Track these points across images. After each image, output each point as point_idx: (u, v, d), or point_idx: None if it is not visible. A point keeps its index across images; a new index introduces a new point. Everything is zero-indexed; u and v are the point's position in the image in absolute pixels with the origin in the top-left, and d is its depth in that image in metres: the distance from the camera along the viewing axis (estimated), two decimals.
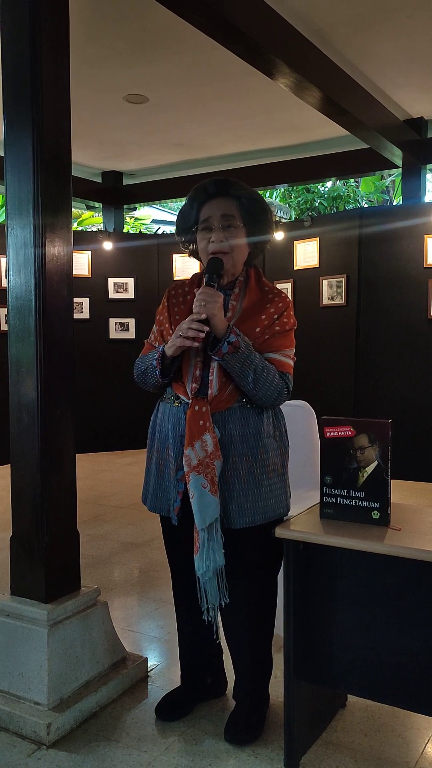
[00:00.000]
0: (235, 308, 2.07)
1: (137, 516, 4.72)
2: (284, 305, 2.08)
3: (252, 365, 1.95)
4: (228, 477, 2.00)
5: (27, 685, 2.24)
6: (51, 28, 2.28)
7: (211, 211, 2.05)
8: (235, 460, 2.01)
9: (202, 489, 1.94)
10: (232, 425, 2.01)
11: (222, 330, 1.94)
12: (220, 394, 1.99)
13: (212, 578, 2.01)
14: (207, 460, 1.95)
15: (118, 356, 6.89)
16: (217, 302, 1.94)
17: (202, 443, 1.95)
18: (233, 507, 2.00)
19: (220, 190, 2.06)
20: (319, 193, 12.93)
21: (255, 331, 2.02)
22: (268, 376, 1.98)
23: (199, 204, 2.08)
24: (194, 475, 1.95)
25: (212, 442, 1.95)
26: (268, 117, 5.86)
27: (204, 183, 2.09)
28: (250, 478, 2.02)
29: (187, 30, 3.65)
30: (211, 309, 1.93)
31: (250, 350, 1.96)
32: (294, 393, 2.19)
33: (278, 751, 2.07)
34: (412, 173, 6.16)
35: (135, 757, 2.07)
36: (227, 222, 2.04)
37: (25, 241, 2.30)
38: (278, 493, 2.08)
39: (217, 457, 1.96)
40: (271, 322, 2.05)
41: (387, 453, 1.91)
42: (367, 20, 4.06)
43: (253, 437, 2.02)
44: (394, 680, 1.86)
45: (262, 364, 1.97)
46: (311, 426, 3.08)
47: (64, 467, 2.40)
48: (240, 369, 1.95)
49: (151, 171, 7.71)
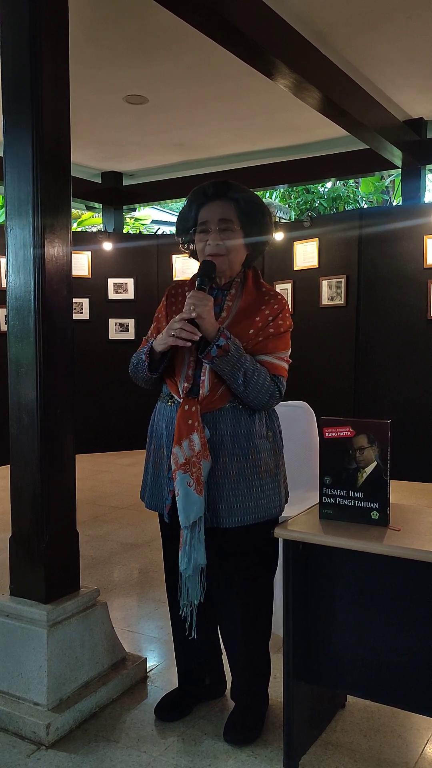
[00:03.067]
0: (230, 309, 2.07)
1: (137, 517, 4.72)
2: (279, 307, 2.08)
3: (242, 368, 1.95)
4: (218, 477, 2.01)
5: (26, 686, 2.24)
6: (51, 28, 2.28)
7: (209, 214, 2.06)
8: (225, 460, 2.01)
9: (187, 487, 1.96)
10: (224, 425, 2.02)
11: (212, 333, 1.95)
12: (212, 394, 2.00)
13: (193, 576, 2.02)
14: (194, 459, 1.96)
15: (117, 357, 6.88)
16: (207, 305, 1.95)
17: (190, 442, 1.96)
18: (222, 506, 2.01)
19: (218, 192, 2.06)
20: (319, 193, 12.94)
21: (248, 332, 2.02)
22: (259, 379, 1.98)
23: (197, 206, 2.09)
24: (180, 474, 1.97)
25: (200, 442, 1.96)
26: (267, 117, 5.86)
27: (203, 185, 2.10)
28: (240, 479, 2.02)
29: (187, 30, 3.65)
30: (201, 312, 1.93)
31: (240, 353, 1.96)
32: (293, 393, 2.19)
33: (277, 752, 2.07)
34: (412, 174, 6.16)
35: (134, 757, 2.07)
36: (224, 225, 2.05)
37: (24, 242, 2.30)
38: (270, 493, 2.08)
39: (205, 456, 1.97)
40: (265, 324, 2.04)
41: (386, 453, 1.91)
42: (366, 21, 4.06)
43: (244, 437, 2.03)
44: (393, 680, 1.86)
45: (252, 367, 1.97)
46: (311, 426, 3.08)
47: (63, 468, 2.40)
48: (230, 372, 1.95)
49: (151, 171, 7.71)
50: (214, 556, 2.07)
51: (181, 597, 2.06)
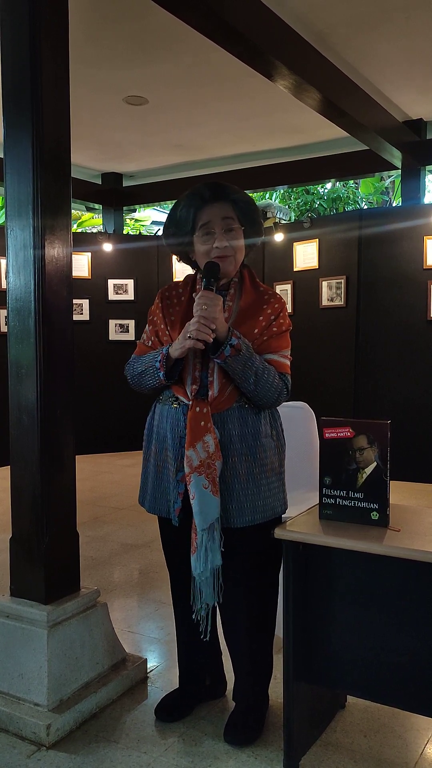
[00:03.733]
0: (231, 309, 2.08)
1: (137, 517, 4.72)
2: (280, 306, 2.09)
3: (253, 367, 1.96)
4: (227, 477, 2.01)
5: (27, 687, 2.24)
6: (51, 28, 2.28)
7: (211, 215, 2.04)
8: (234, 460, 2.02)
9: (203, 489, 1.95)
10: (231, 425, 2.02)
11: (223, 333, 1.94)
12: (220, 395, 2.00)
13: (209, 578, 2.01)
14: (209, 461, 1.96)
15: (117, 357, 6.83)
16: (218, 305, 1.94)
17: (204, 444, 1.96)
18: (233, 506, 2.01)
19: (216, 194, 2.05)
20: (319, 194, 12.94)
21: (254, 332, 2.03)
22: (269, 378, 2.00)
23: (195, 209, 2.06)
24: (195, 476, 1.96)
25: (213, 443, 1.96)
26: (267, 118, 5.87)
27: (197, 188, 2.07)
28: (249, 478, 2.03)
29: (187, 31, 3.65)
30: (212, 312, 1.92)
31: (251, 352, 1.97)
32: (293, 394, 2.19)
33: (278, 752, 2.07)
34: (412, 174, 6.17)
35: (135, 758, 2.07)
36: (228, 225, 2.04)
37: (24, 243, 2.30)
38: (276, 491, 2.10)
39: (218, 457, 1.97)
40: (269, 324, 2.06)
41: (386, 454, 1.92)
42: (366, 22, 4.06)
43: (251, 437, 2.03)
44: (393, 681, 1.86)
45: (262, 366, 1.99)
46: (311, 427, 3.08)
47: (64, 468, 2.40)
48: (242, 371, 1.95)
49: (151, 172, 7.71)
50: (224, 556, 2.06)
51: (194, 600, 2.04)
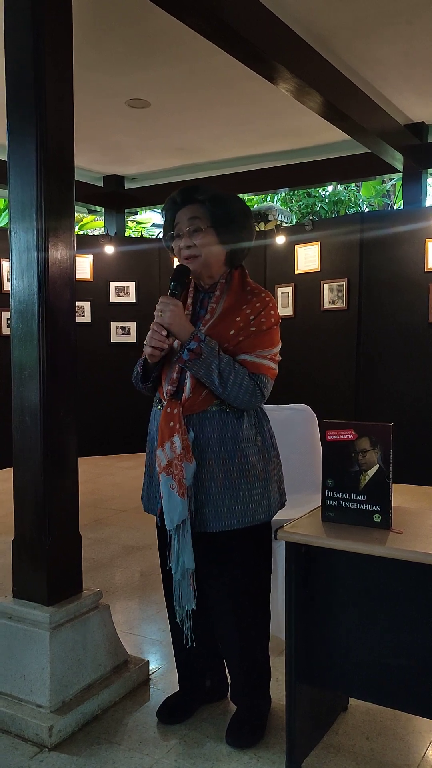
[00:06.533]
0: (214, 311, 2.08)
1: (138, 519, 4.72)
2: (262, 305, 2.05)
3: (216, 370, 1.95)
4: (204, 480, 2.01)
5: (29, 688, 2.25)
6: (54, 32, 2.29)
7: (180, 218, 2.09)
8: (211, 463, 2.01)
9: (170, 490, 1.97)
10: (210, 428, 2.02)
11: (184, 337, 1.97)
12: (195, 396, 2.01)
13: (182, 581, 2.02)
14: (175, 462, 1.96)
15: (119, 360, 6.90)
16: (173, 310, 1.97)
17: (171, 444, 1.97)
18: (209, 510, 2.01)
19: (185, 197, 2.10)
20: (320, 197, 12.95)
21: (229, 333, 2.02)
22: (236, 379, 1.97)
23: (171, 214, 2.13)
24: (164, 476, 1.98)
25: (181, 444, 1.97)
26: (269, 121, 5.88)
27: (173, 194, 2.14)
28: (226, 482, 2.02)
29: (189, 34, 3.67)
30: (166, 318, 1.97)
31: (215, 355, 1.96)
32: (295, 396, 2.20)
33: (280, 754, 2.07)
34: (413, 177, 6.18)
35: (136, 759, 2.07)
36: (193, 226, 2.06)
37: (28, 245, 2.31)
38: (259, 498, 2.06)
39: (187, 459, 1.97)
40: (247, 324, 2.03)
41: (388, 456, 1.92)
42: (367, 25, 4.07)
43: (231, 441, 2.03)
44: (395, 683, 1.86)
45: (228, 368, 1.96)
46: (312, 429, 3.09)
47: (66, 470, 2.41)
48: (205, 374, 1.96)
49: (153, 175, 7.72)
50: (204, 560, 2.07)
51: (175, 602, 2.07)
